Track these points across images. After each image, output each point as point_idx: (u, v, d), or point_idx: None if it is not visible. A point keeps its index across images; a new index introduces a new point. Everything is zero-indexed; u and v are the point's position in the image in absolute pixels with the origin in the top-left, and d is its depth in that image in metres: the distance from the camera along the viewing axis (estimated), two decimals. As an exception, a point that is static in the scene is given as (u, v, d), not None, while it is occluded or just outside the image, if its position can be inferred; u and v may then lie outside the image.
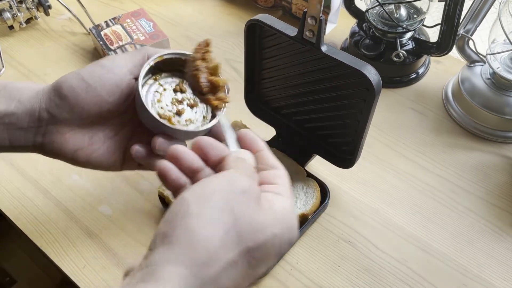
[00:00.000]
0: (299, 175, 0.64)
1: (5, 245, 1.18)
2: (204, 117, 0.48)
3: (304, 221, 0.61)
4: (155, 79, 0.48)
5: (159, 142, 0.44)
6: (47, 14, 0.87)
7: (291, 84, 0.62)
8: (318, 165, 0.68)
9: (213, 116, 0.48)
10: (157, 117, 0.45)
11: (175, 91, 0.48)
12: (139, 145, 0.46)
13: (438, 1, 0.74)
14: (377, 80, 0.51)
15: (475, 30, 0.74)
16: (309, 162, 0.67)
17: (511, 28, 0.67)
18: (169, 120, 0.46)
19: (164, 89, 0.48)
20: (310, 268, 0.60)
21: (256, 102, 0.68)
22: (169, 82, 0.49)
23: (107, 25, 0.83)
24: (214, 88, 0.47)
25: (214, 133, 0.45)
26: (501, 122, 0.72)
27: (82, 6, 0.86)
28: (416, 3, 0.77)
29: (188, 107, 0.48)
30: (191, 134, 0.46)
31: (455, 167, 0.70)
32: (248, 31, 0.59)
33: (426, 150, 0.72)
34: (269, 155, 0.41)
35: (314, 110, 0.62)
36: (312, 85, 0.59)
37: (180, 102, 0.48)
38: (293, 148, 0.67)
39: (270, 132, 0.69)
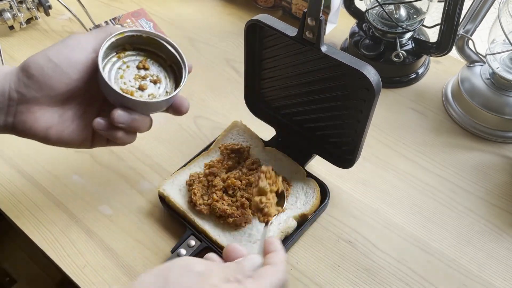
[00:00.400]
0: (299, 175, 0.64)
1: (5, 245, 1.18)
2: (167, 92, 0.51)
3: (304, 221, 0.61)
4: (119, 57, 0.50)
5: (118, 113, 0.47)
6: (47, 14, 0.87)
7: (291, 84, 0.62)
8: (318, 165, 0.68)
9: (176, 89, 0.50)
10: (117, 89, 0.46)
11: (138, 68, 0.50)
12: (100, 118, 0.48)
13: (438, 1, 0.74)
14: (377, 80, 0.51)
15: (474, 30, 0.74)
16: (309, 162, 0.67)
17: (511, 28, 0.67)
18: (131, 94, 0.47)
19: (128, 66, 0.50)
20: (310, 268, 0.60)
21: (256, 102, 0.68)
22: (133, 60, 0.51)
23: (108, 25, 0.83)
24: (259, 207, 0.53)
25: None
26: (501, 122, 0.72)
27: (82, 6, 0.86)
28: (416, 3, 0.77)
29: (152, 83, 0.50)
30: (150, 106, 0.49)
31: (455, 167, 0.70)
32: (248, 31, 0.59)
33: (426, 150, 0.72)
34: (276, 255, 0.44)
35: (314, 110, 0.62)
36: (312, 85, 0.59)
37: (143, 78, 0.50)
38: (293, 148, 0.67)
39: (270, 132, 0.69)
